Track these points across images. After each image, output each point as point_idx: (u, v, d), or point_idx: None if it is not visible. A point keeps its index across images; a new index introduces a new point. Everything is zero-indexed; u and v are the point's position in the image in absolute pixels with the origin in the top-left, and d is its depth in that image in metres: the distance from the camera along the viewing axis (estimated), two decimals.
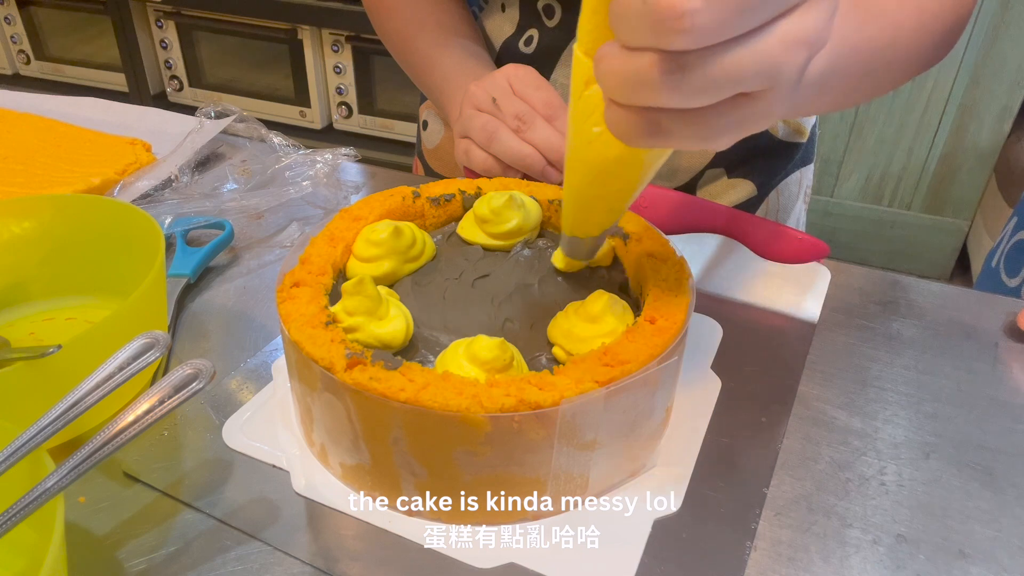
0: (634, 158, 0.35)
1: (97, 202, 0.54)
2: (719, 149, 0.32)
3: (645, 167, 0.36)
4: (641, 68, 0.28)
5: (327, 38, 2.19)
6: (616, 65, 0.29)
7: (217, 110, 0.77)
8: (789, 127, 0.76)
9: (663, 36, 0.27)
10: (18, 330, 0.52)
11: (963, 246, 2.15)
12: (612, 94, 0.30)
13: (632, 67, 0.28)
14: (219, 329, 0.55)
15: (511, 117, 0.58)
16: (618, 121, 0.31)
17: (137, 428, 0.34)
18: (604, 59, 0.30)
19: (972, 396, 0.48)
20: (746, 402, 0.47)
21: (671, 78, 0.28)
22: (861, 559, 0.38)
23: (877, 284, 0.59)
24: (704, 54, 0.27)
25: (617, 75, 0.29)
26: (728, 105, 0.30)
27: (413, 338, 0.42)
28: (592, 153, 0.36)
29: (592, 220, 0.42)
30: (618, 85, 0.30)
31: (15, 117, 0.79)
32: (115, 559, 0.38)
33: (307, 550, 0.38)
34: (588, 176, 0.38)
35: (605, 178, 0.37)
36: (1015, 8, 1.83)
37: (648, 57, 0.28)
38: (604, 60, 0.30)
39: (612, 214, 0.42)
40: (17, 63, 2.63)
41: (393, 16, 0.74)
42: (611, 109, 0.31)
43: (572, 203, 0.42)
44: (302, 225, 0.67)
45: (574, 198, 0.41)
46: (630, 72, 0.29)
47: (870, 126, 2.06)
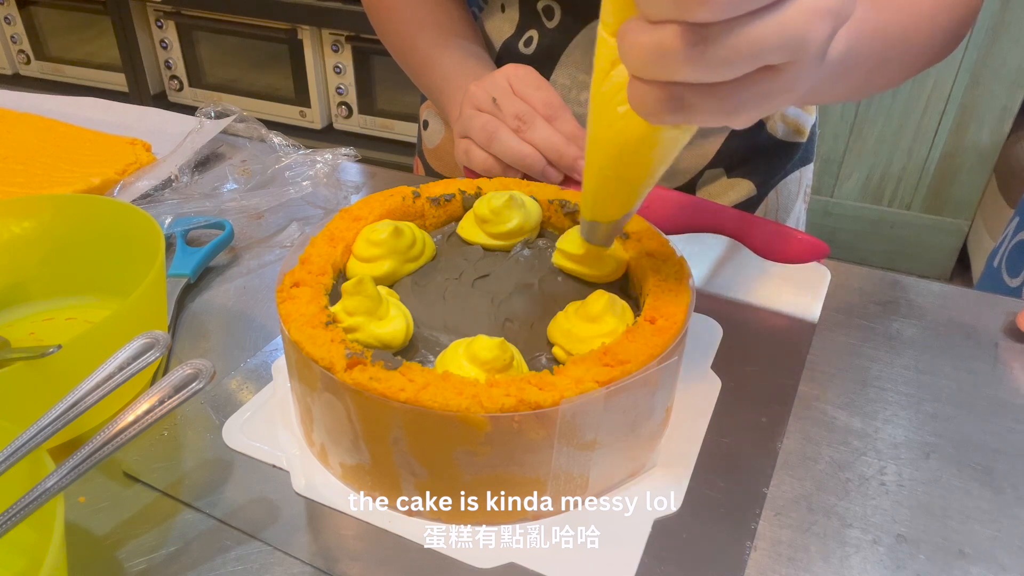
0: (656, 138, 0.35)
1: (97, 202, 0.54)
2: (742, 126, 0.32)
3: (666, 148, 0.36)
4: (664, 41, 0.28)
5: (327, 38, 2.19)
6: (639, 39, 0.29)
7: (217, 110, 0.77)
8: (789, 127, 0.76)
9: (686, 8, 0.27)
10: (18, 330, 0.52)
11: (963, 246, 2.15)
12: (635, 69, 0.30)
13: (655, 40, 0.28)
14: (219, 329, 0.55)
15: (511, 117, 0.59)
16: (641, 97, 0.31)
17: (137, 428, 0.34)
18: (627, 34, 0.29)
19: (972, 396, 0.48)
20: (746, 402, 0.47)
21: (694, 51, 0.28)
22: (861, 559, 0.38)
23: (877, 284, 0.59)
24: (727, 26, 0.27)
25: (640, 49, 0.29)
26: (752, 79, 0.29)
27: (413, 338, 0.42)
28: (615, 134, 0.36)
29: (612, 204, 0.42)
30: (641, 59, 0.29)
31: (15, 117, 0.79)
32: (115, 559, 0.38)
33: (307, 550, 0.38)
34: (610, 158, 0.38)
35: (627, 159, 0.37)
36: (1015, 8, 1.83)
37: (671, 30, 0.28)
38: (627, 35, 0.29)
39: (632, 198, 0.41)
40: (17, 63, 2.63)
41: (393, 16, 0.74)
42: (634, 85, 0.31)
43: (592, 186, 0.41)
44: (302, 225, 0.67)
45: (595, 181, 0.41)
46: (653, 45, 0.28)
47: (870, 126, 2.06)
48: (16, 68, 2.64)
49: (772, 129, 0.74)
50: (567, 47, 0.70)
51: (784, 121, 0.75)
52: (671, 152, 0.37)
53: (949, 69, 1.93)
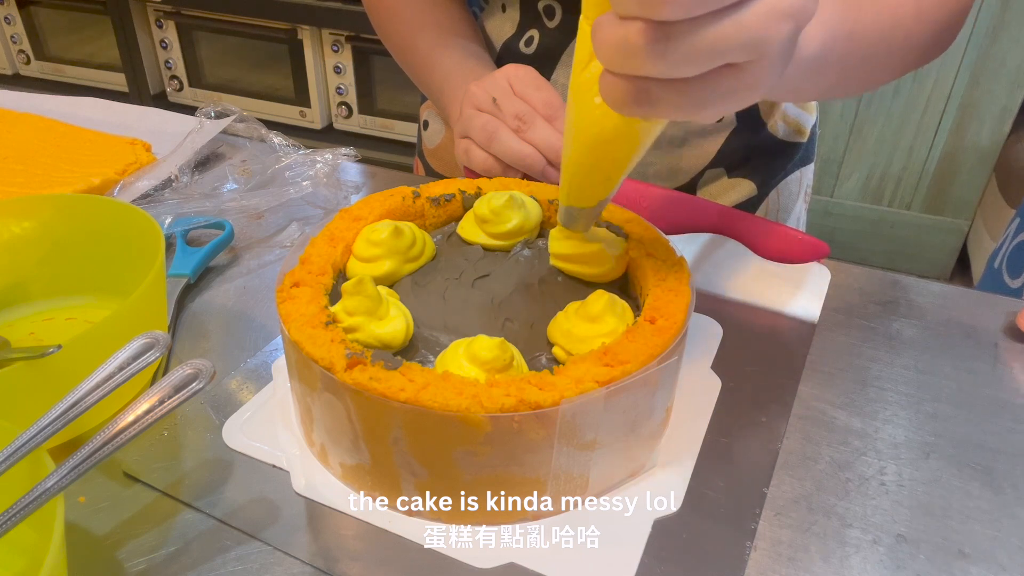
0: (629, 129, 0.37)
1: (97, 202, 0.54)
2: (707, 121, 0.33)
3: (640, 138, 0.38)
4: (630, 36, 0.29)
5: (327, 38, 2.19)
6: (609, 33, 0.30)
7: (217, 110, 0.77)
8: (790, 127, 0.76)
9: (649, 6, 0.28)
10: (18, 330, 0.52)
11: (963, 246, 2.15)
12: (605, 62, 0.32)
13: (622, 35, 0.30)
14: (219, 329, 0.55)
15: (511, 117, 0.59)
16: (610, 89, 0.32)
17: (137, 428, 0.34)
18: (599, 28, 0.31)
19: (972, 396, 0.48)
20: (746, 402, 0.47)
21: (657, 47, 0.29)
22: (861, 559, 0.38)
23: (877, 284, 0.59)
24: (690, 25, 0.29)
25: (609, 43, 0.31)
26: (715, 76, 0.31)
27: (413, 338, 0.42)
28: (591, 123, 0.38)
29: (589, 190, 0.43)
30: (610, 53, 0.31)
31: (15, 117, 0.79)
32: (115, 559, 0.38)
33: (307, 550, 0.38)
34: (586, 146, 0.39)
35: (602, 148, 0.39)
36: (1015, 8, 1.83)
37: (637, 26, 0.29)
38: (599, 29, 0.31)
39: (608, 184, 0.42)
40: (17, 63, 2.63)
41: (393, 17, 0.74)
42: (605, 78, 0.32)
43: (570, 173, 0.43)
44: (302, 225, 0.67)
45: (572, 168, 0.42)
46: (620, 40, 0.30)
47: (870, 126, 2.06)
48: (16, 68, 2.64)
49: (773, 129, 0.74)
50: (568, 46, 0.70)
51: (785, 121, 0.75)
52: (645, 142, 0.38)
53: (949, 69, 1.93)
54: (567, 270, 0.47)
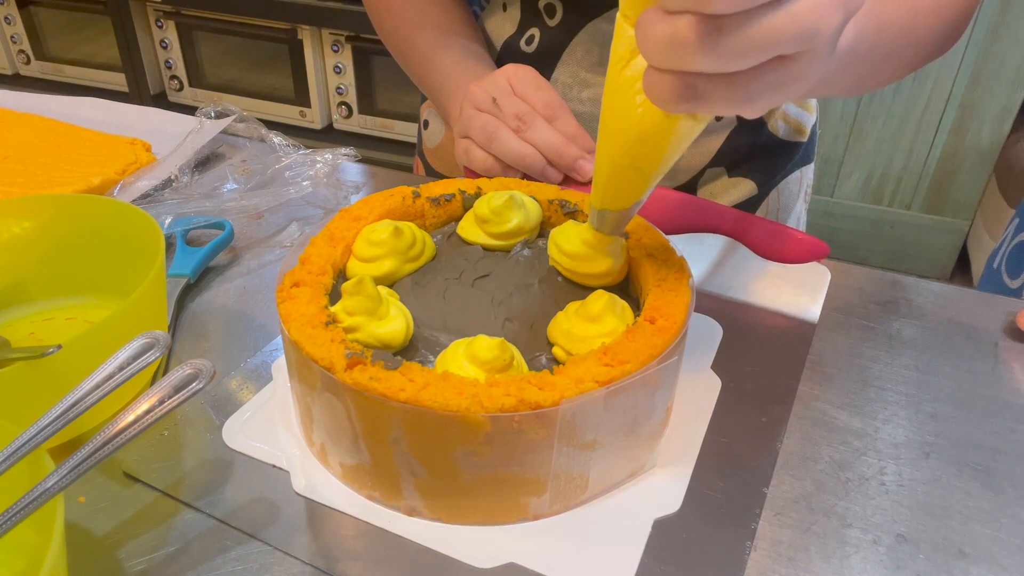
0: (670, 127, 0.36)
1: (97, 202, 0.54)
2: (754, 116, 0.33)
3: (680, 137, 0.37)
4: (679, 31, 0.29)
5: (327, 38, 2.19)
6: (656, 29, 0.30)
7: (217, 110, 0.77)
8: (790, 126, 0.76)
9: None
10: (18, 330, 0.52)
11: (963, 246, 2.15)
12: (651, 59, 0.31)
13: (671, 30, 0.29)
14: (219, 329, 0.55)
15: (511, 117, 0.59)
16: (656, 85, 0.32)
17: (137, 428, 0.34)
18: (644, 24, 0.30)
19: (972, 396, 0.48)
20: (746, 402, 0.47)
21: (708, 40, 0.29)
22: (861, 559, 0.38)
23: (877, 284, 0.59)
24: (741, 17, 0.28)
25: (656, 39, 0.30)
26: (765, 68, 0.30)
27: (413, 338, 0.42)
28: (630, 123, 0.37)
29: (624, 192, 0.42)
30: (657, 49, 0.30)
31: (15, 117, 0.79)
32: (115, 559, 0.38)
33: (307, 550, 0.38)
34: (624, 147, 0.39)
35: (641, 148, 0.38)
36: (1015, 8, 1.83)
37: (687, 20, 0.29)
38: (644, 24, 0.30)
39: (643, 186, 0.42)
40: (17, 63, 2.63)
41: (393, 16, 0.74)
42: (650, 74, 0.32)
43: (604, 175, 0.42)
44: (302, 225, 0.67)
45: (607, 169, 0.41)
46: (669, 35, 0.29)
47: (870, 126, 2.06)
48: (16, 68, 2.64)
49: (773, 128, 0.74)
50: (569, 45, 0.70)
51: (785, 120, 0.75)
52: (684, 142, 0.37)
53: (949, 69, 1.93)
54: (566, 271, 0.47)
